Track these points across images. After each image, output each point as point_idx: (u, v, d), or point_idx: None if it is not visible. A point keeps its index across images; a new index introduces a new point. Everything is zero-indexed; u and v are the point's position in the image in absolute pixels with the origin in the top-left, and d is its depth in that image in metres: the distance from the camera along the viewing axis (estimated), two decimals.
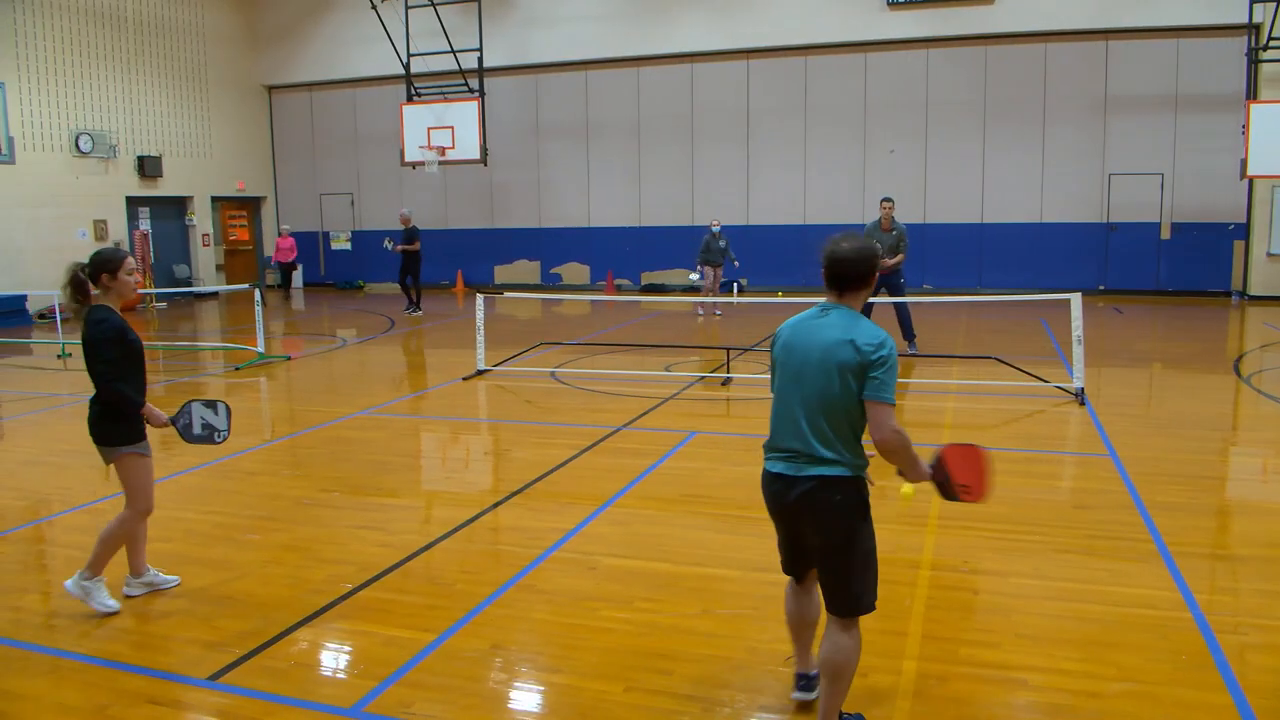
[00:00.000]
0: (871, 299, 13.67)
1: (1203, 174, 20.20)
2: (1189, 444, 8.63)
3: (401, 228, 20.42)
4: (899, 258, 13.51)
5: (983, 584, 5.42)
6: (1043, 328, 16.09)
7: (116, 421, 5.18)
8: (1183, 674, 4.33)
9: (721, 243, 18.62)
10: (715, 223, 19.11)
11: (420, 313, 20.22)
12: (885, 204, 13.78)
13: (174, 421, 5.38)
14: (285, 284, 24.73)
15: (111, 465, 5.28)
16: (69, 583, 5.23)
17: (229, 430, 5.63)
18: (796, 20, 22.04)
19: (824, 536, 3.77)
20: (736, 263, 19.54)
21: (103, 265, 5.08)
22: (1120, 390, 11.59)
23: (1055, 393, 10.59)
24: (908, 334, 13.54)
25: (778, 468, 3.85)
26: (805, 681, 4.15)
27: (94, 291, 5.16)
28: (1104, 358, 13.13)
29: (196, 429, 5.48)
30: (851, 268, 3.79)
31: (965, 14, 20.92)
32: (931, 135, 21.99)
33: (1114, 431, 8.88)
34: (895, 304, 13.56)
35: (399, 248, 20.29)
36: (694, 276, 19.24)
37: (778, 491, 3.87)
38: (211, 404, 5.55)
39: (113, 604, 5.19)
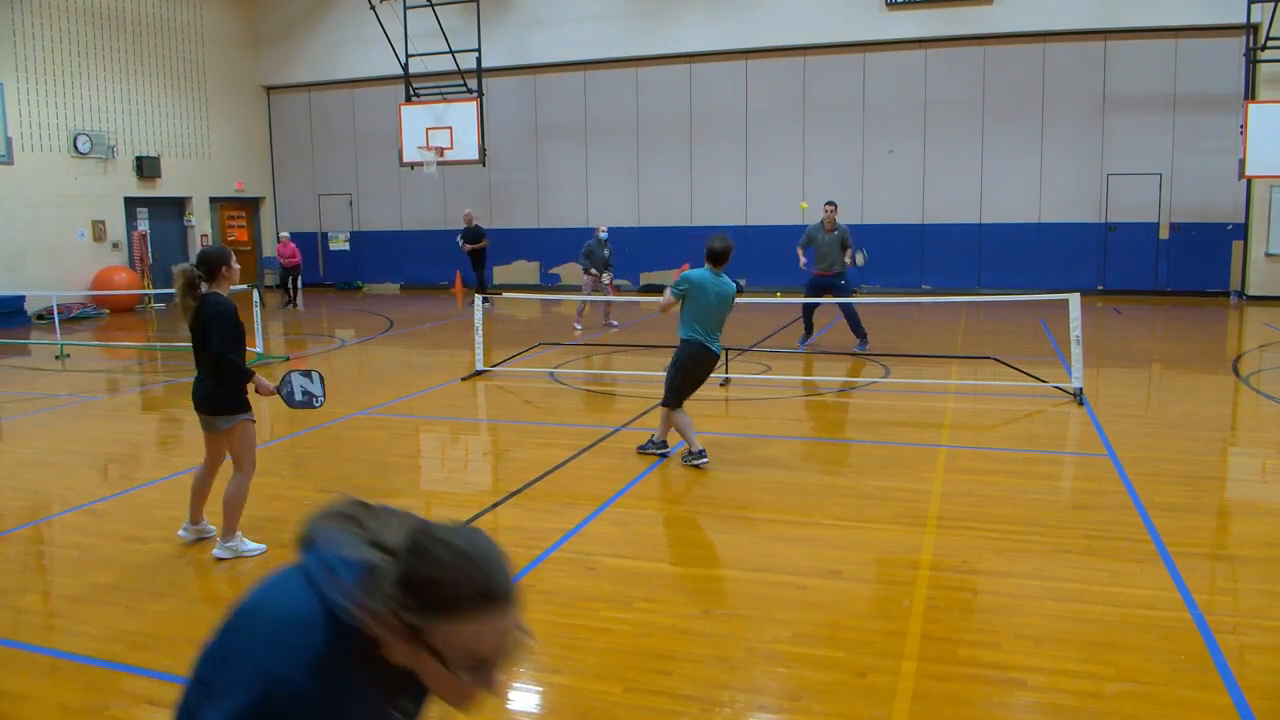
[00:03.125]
0: (815, 300, 13.94)
1: (1201, 174, 20.22)
2: (1188, 444, 8.63)
3: (464, 226, 21.36)
4: (859, 255, 13.96)
5: (982, 584, 5.42)
6: (1041, 328, 16.10)
7: (234, 390, 5.85)
8: (1182, 674, 4.33)
9: (606, 251, 17.38)
10: (602, 228, 17.95)
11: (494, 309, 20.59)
12: (828, 207, 14.21)
13: (278, 390, 6.01)
14: (285, 288, 23.53)
15: (222, 433, 5.93)
16: (216, 551, 5.97)
17: (325, 396, 6.17)
18: (795, 20, 22.04)
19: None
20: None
21: (220, 259, 5.95)
22: (1119, 390, 11.60)
23: (1054, 393, 10.60)
24: (858, 332, 13.75)
25: (715, 347, 7.90)
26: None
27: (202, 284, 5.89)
28: (1103, 358, 13.14)
29: (298, 396, 6.05)
30: (729, 254, 7.89)
31: (964, 14, 20.93)
32: (930, 135, 22.00)
33: (1113, 432, 8.89)
34: (840, 305, 13.92)
35: (468, 247, 21.03)
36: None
37: (710, 355, 7.91)
38: (308, 374, 6.13)
39: (259, 546, 6.04)
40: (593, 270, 17.36)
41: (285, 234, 24.42)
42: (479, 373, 12.40)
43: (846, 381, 11.80)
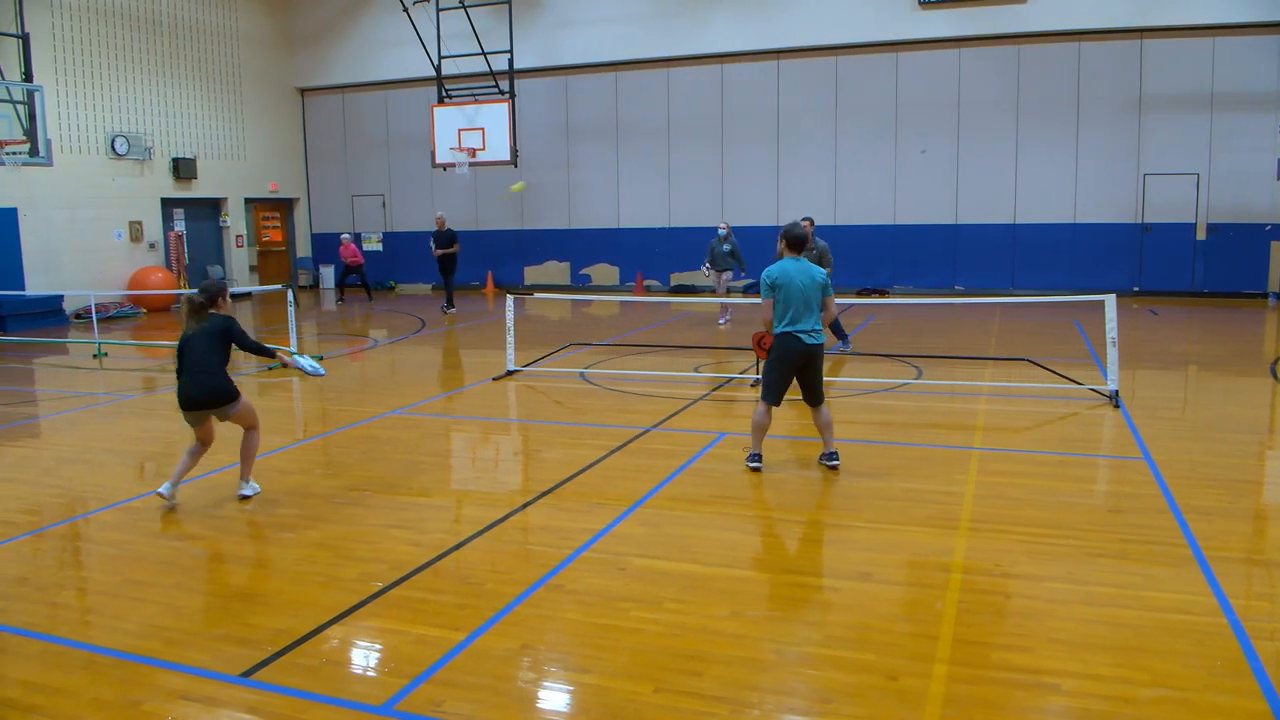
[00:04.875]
0: None
1: (1239, 174, 19.95)
2: (1225, 447, 8.52)
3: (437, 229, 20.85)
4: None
5: (1015, 588, 5.38)
6: (1076, 330, 15.95)
7: (232, 385, 7.20)
8: (1218, 680, 4.27)
9: (725, 247, 17.69)
10: (723, 225, 18.29)
11: (454, 310, 20.51)
12: (805, 223, 14.00)
13: (297, 364, 7.77)
14: (358, 285, 24.56)
15: (231, 415, 7.22)
16: (242, 491, 7.34)
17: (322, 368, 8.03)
18: (827, 20, 21.97)
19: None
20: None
21: (218, 291, 7.32)
22: (1155, 393, 11.47)
23: (1089, 395, 10.49)
24: (838, 334, 13.99)
25: (807, 336, 7.56)
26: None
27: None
28: (1139, 360, 13.00)
29: (308, 366, 7.83)
30: (806, 239, 7.79)
31: (997, 13, 20.77)
32: (963, 135, 21.85)
33: (1149, 434, 8.79)
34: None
35: (439, 251, 20.66)
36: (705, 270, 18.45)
37: (799, 344, 7.57)
38: (305, 356, 8.13)
39: (257, 487, 7.47)
40: (712, 268, 18.06)
41: (346, 235, 24.74)
42: (510, 373, 12.44)
43: (878, 383, 11.73)
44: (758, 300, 13.94)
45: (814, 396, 7.79)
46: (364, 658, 4.77)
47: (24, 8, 18.67)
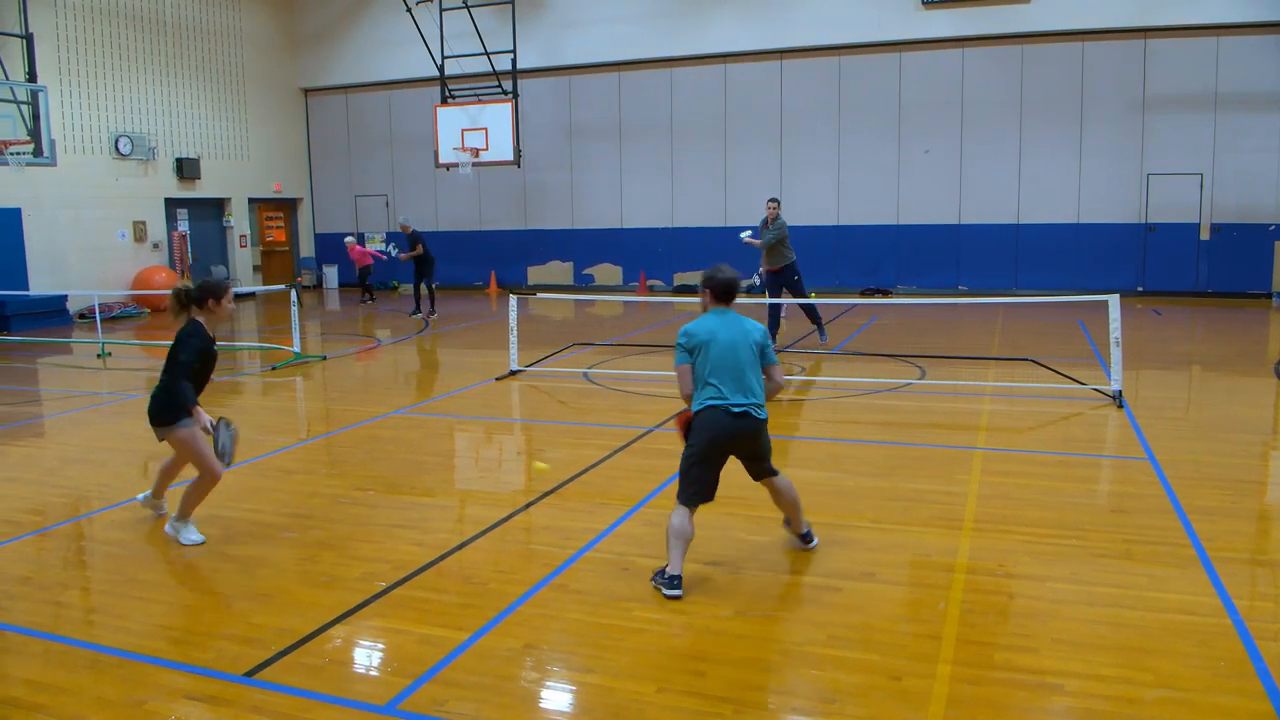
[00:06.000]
0: (778, 300, 13.97)
1: (1243, 174, 19.94)
2: (1229, 447, 8.51)
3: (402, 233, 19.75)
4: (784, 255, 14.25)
5: (1019, 588, 5.37)
6: (1080, 330, 15.94)
7: (173, 409, 6.13)
8: (1222, 681, 4.27)
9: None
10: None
11: (420, 315, 19.44)
12: (771, 204, 14.54)
13: (214, 428, 6.18)
14: (363, 288, 23.47)
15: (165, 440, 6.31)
16: (166, 528, 6.41)
17: (231, 458, 6.35)
18: (830, 20, 21.97)
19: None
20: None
21: (209, 294, 6.26)
22: (1159, 393, 11.45)
23: (1093, 395, 10.48)
24: (816, 321, 14.36)
25: (737, 404, 5.50)
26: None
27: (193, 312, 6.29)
28: (1142, 360, 12.99)
29: (225, 443, 6.25)
30: (733, 287, 5.72)
31: (1000, 13, 20.76)
32: (967, 135, 21.84)
33: (1152, 435, 8.78)
34: (800, 305, 14.58)
35: (404, 256, 19.54)
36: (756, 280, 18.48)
37: (728, 419, 5.50)
38: (230, 428, 6.31)
39: (198, 538, 6.28)
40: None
41: (350, 238, 23.94)
42: (513, 373, 12.45)
43: (882, 383, 11.73)
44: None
45: (761, 470, 5.80)
46: (367, 657, 4.77)
47: (28, 8, 18.70)
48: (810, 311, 14.64)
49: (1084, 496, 7.30)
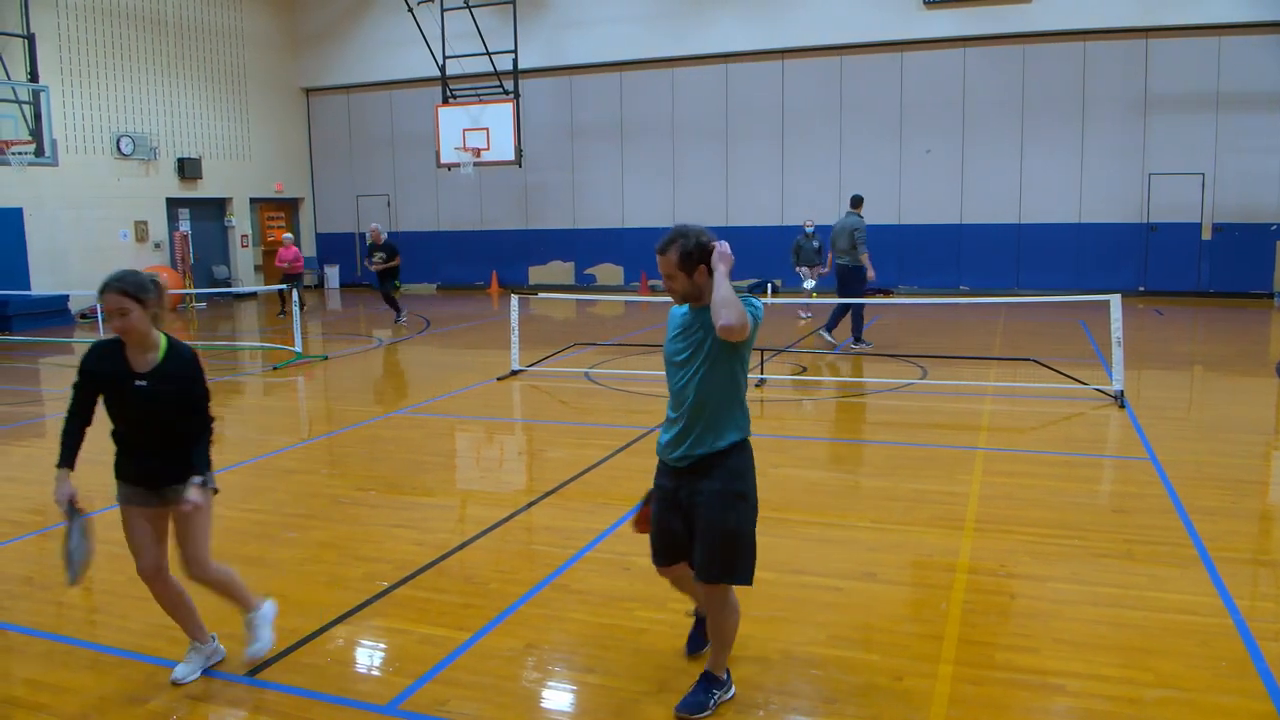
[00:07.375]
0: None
1: (1245, 174, 19.93)
2: (1230, 447, 8.51)
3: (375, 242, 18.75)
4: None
5: (1020, 588, 5.37)
6: (1082, 330, 15.93)
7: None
8: (1223, 681, 4.27)
9: (814, 244, 18.23)
10: (809, 222, 18.60)
11: (403, 320, 18.82)
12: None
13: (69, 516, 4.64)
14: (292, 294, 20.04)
15: None
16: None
17: (76, 575, 4.47)
18: (832, 20, 21.97)
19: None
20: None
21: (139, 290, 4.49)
22: (1160, 393, 11.45)
23: (1094, 395, 10.47)
24: (838, 320, 14.44)
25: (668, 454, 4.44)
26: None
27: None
28: (1144, 360, 12.98)
29: (70, 545, 4.60)
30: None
31: (1002, 12, 20.75)
32: (968, 135, 21.83)
33: (1154, 435, 8.77)
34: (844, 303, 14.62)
35: (377, 266, 18.62)
36: (808, 285, 18.51)
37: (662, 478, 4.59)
38: (85, 533, 4.70)
39: None
40: (802, 267, 18.31)
41: (289, 235, 21.85)
42: (514, 373, 12.45)
43: (883, 383, 11.72)
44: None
45: (700, 568, 4.15)
46: (369, 657, 4.77)
47: (29, 8, 18.73)
48: (844, 311, 14.40)
49: (1085, 496, 7.29)
